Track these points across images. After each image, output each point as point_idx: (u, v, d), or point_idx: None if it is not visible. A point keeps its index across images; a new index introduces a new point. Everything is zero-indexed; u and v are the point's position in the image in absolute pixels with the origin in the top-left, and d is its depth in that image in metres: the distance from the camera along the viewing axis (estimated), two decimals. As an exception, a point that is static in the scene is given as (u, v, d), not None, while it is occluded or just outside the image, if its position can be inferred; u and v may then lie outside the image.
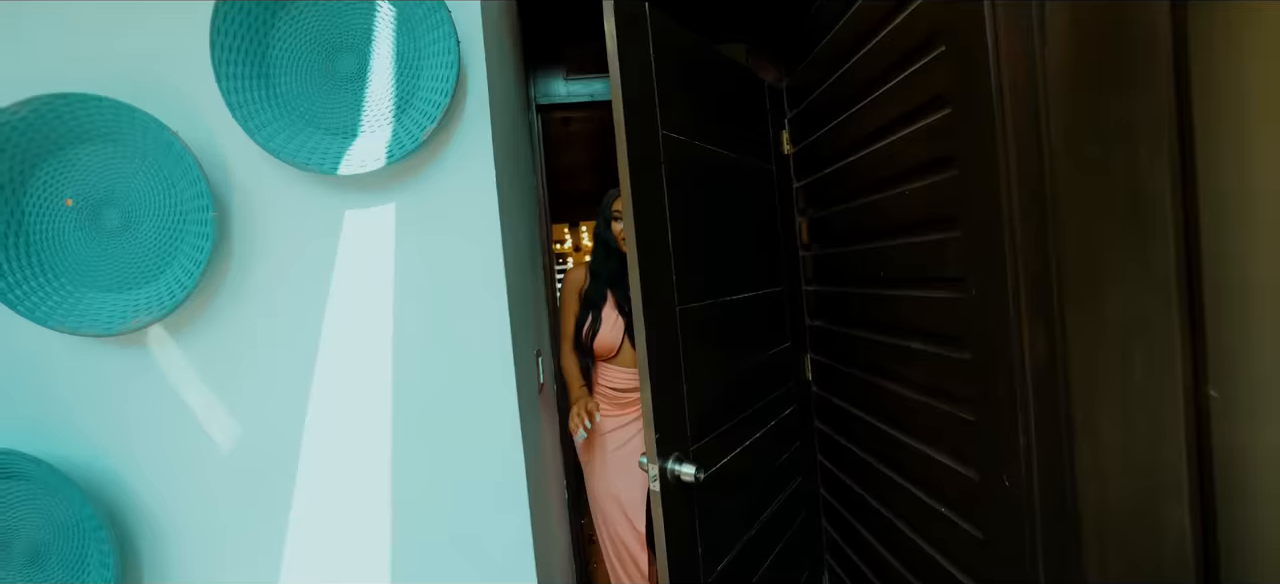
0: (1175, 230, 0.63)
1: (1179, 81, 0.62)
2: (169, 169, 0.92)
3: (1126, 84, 0.66)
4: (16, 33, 0.91)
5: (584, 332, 1.60)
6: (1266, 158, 0.60)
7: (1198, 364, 0.66)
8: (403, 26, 0.96)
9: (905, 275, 1.09)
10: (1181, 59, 0.62)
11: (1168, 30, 0.62)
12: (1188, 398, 0.66)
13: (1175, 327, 0.65)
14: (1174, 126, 0.62)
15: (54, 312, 0.90)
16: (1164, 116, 0.63)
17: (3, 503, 0.90)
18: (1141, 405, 0.70)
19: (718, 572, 1.18)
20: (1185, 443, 0.66)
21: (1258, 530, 0.67)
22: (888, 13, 1.00)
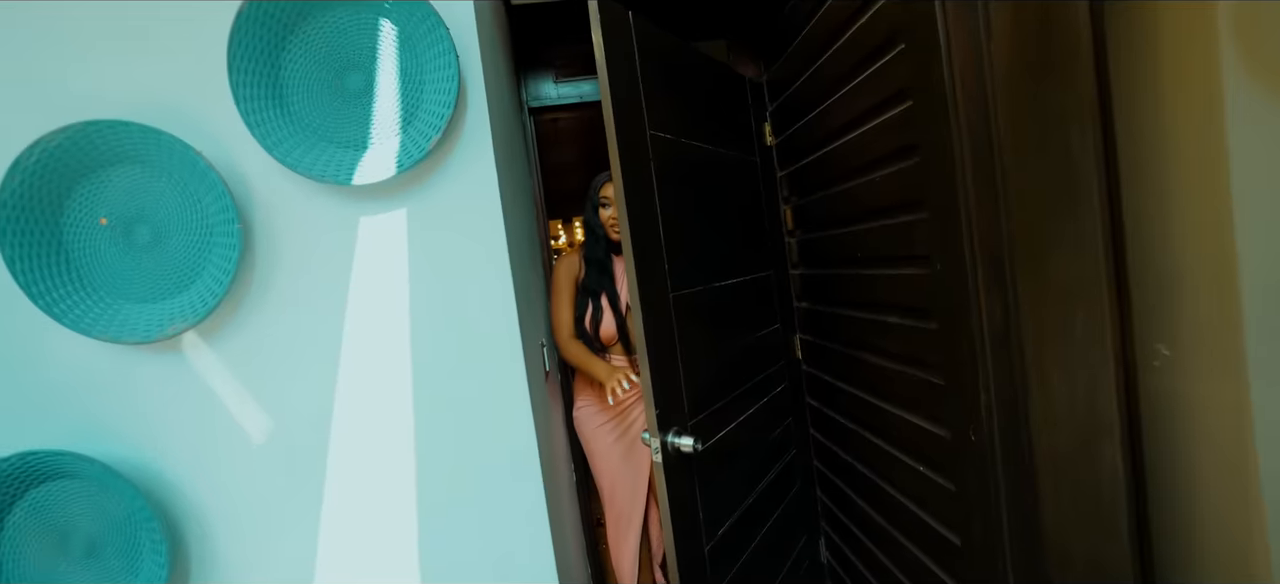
0: (1101, 204, 0.72)
1: (1100, 73, 0.71)
2: (195, 186, 1.00)
3: (1058, 76, 0.75)
4: (50, 64, 0.97)
5: (587, 321, 1.59)
6: (1177, 136, 0.69)
7: (1124, 322, 0.75)
8: (405, 45, 1.03)
9: (879, 255, 1.18)
10: (1101, 53, 0.71)
11: (1088, 28, 0.70)
12: (1116, 352, 0.75)
13: (1104, 289, 0.74)
14: (1096, 113, 0.71)
15: (95, 323, 0.97)
16: (1088, 104, 0.71)
17: (60, 501, 0.98)
18: (1081, 360, 0.79)
19: (718, 536, 1.28)
20: (1115, 391, 0.76)
21: (1182, 465, 0.77)
22: (853, 13, 1.08)
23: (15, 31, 0.96)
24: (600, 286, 1.60)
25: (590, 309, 1.59)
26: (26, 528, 0.98)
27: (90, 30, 0.98)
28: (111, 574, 1.00)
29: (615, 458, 1.68)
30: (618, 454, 1.68)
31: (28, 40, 0.97)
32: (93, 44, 0.98)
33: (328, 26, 1.02)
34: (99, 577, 1.00)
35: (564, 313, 1.60)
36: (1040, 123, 0.78)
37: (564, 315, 1.60)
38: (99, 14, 0.98)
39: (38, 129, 0.91)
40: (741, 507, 1.40)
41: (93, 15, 0.98)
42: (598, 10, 1.00)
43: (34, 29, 0.97)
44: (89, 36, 0.98)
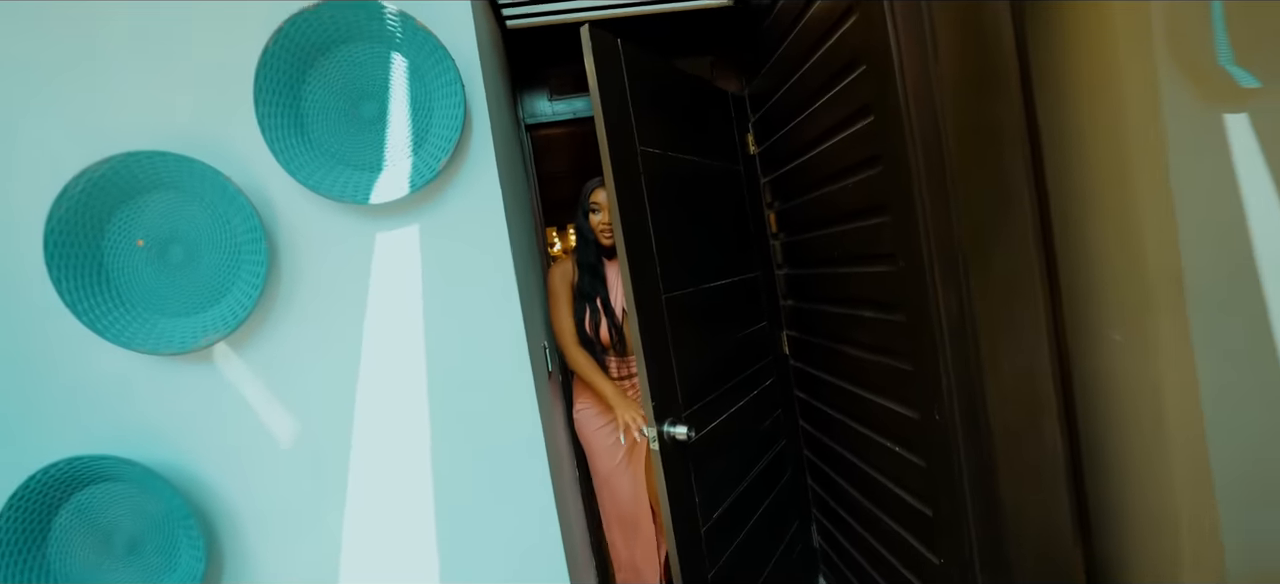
0: (1031, 207, 0.83)
1: (1025, 85, 0.82)
2: (225, 208, 1.09)
3: (991, 94, 0.86)
4: (92, 99, 1.06)
5: (587, 326, 1.60)
6: (1093, 140, 0.81)
7: (1056, 310, 0.86)
8: (415, 75, 1.13)
9: (853, 255, 1.28)
10: (1026, 73, 0.82)
11: (1014, 54, 0.81)
12: (1050, 336, 0.86)
13: (1037, 284, 0.85)
14: (1023, 126, 0.82)
15: (134, 336, 1.06)
16: (1016, 118, 0.82)
17: (104, 502, 1.06)
18: (1022, 346, 0.90)
19: (713, 519, 1.38)
20: (1052, 373, 0.86)
21: (1113, 437, 0.88)
22: (821, 36, 1.20)
23: (60, 71, 1.05)
24: (594, 291, 1.61)
25: (588, 314, 1.60)
26: (73, 528, 1.06)
27: (128, 68, 1.07)
28: (152, 570, 1.09)
29: (616, 459, 1.70)
30: (619, 455, 1.69)
31: (71, 78, 1.06)
32: (131, 80, 1.07)
33: (344, 60, 1.12)
34: (141, 573, 1.08)
35: (566, 319, 1.60)
36: (979, 135, 0.89)
37: (566, 322, 1.60)
38: (136, 52, 1.07)
39: (80, 160, 1.00)
40: (734, 493, 1.50)
41: (130, 54, 1.07)
42: (590, 41, 1.10)
43: (78, 69, 1.06)
44: (127, 73, 1.07)
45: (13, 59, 1.04)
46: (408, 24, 1.09)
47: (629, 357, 1.65)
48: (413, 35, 1.10)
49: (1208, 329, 0.75)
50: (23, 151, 1.05)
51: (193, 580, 1.06)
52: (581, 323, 1.60)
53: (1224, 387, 0.76)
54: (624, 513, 1.73)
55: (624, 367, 1.67)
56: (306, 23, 1.06)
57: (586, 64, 1.11)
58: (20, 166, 1.05)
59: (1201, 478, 0.80)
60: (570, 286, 1.63)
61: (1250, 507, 0.79)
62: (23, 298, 1.05)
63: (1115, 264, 0.83)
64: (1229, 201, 0.78)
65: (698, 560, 1.29)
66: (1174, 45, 0.75)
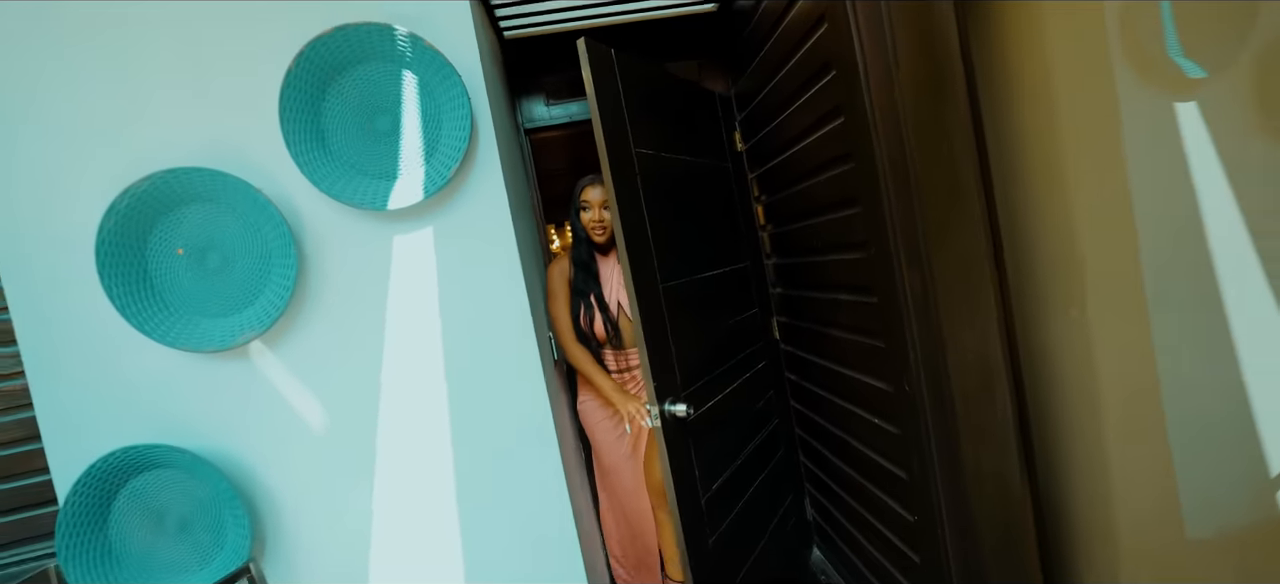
0: (979, 196, 0.94)
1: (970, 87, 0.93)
2: (256, 217, 1.19)
3: (943, 95, 0.96)
4: (134, 121, 1.16)
5: (582, 321, 1.62)
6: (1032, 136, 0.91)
7: (1004, 290, 0.97)
8: (425, 91, 1.24)
9: (831, 243, 1.39)
10: (970, 72, 0.93)
11: (959, 59, 0.92)
12: (999, 313, 0.97)
13: (987, 265, 0.96)
14: (969, 124, 0.93)
15: (178, 336, 1.17)
16: (964, 115, 0.93)
17: (156, 487, 1.18)
18: (976, 321, 1.01)
19: (713, 489, 1.49)
20: (1001, 344, 0.98)
21: (1056, 400, 1.00)
22: (796, 43, 1.30)
23: (105, 96, 1.15)
24: (588, 288, 1.62)
25: (583, 309, 1.62)
26: (129, 511, 1.18)
27: (165, 91, 1.17)
28: (202, 548, 1.20)
29: (621, 450, 1.71)
30: (623, 447, 1.71)
31: (115, 102, 1.16)
32: (167, 103, 1.17)
33: (360, 79, 1.22)
34: (192, 550, 1.20)
35: (564, 315, 1.62)
36: (934, 134, 0.99)
37: (564, 318, 1.62)
38: (172, 77, 1.17)
39: (124, 177, 1.10)
40: (731, 467, 1.62)
41: (166, 79, 1.17)
42: (587, 53, 1.21)
43: (120, 93, 1.16)
44: (164, 96, 1.17)
45: (62, 88, 1.14)
46: (417, 44, 1.19)
47: (626, 350, 1.67)
48: (422, 54, 1.20)
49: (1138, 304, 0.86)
50: (73, 171, 1.15)
51: (240, 556, 1.18)
52: (577, 318, 1.62)
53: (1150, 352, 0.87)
54: (627, 505, 1.74)
55: (622, 359, 1.68)
56: (325, 46, 1.17)
57: (583, 75, 1.21)
58: (71, 185, 1.15)
59: (1131, 431, 0.91)
60: (568, 283, 1.65)
61: (1186, 453, 0.90)
62: (78, 304, 1.16)
63: (1052, 246, 0.94)
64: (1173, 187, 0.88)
65: (699, 525, 1.40)
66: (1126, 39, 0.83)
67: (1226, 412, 0.88)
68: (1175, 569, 0.93)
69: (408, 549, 1.29)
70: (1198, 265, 0.86)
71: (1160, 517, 0.90)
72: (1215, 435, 0.89)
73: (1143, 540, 0.95)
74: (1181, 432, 0.87)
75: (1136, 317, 0.87)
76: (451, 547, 1.31)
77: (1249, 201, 0.86)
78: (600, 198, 1.60)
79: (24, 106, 1.14)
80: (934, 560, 1.21)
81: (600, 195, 1.60)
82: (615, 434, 1.70)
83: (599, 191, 1.60)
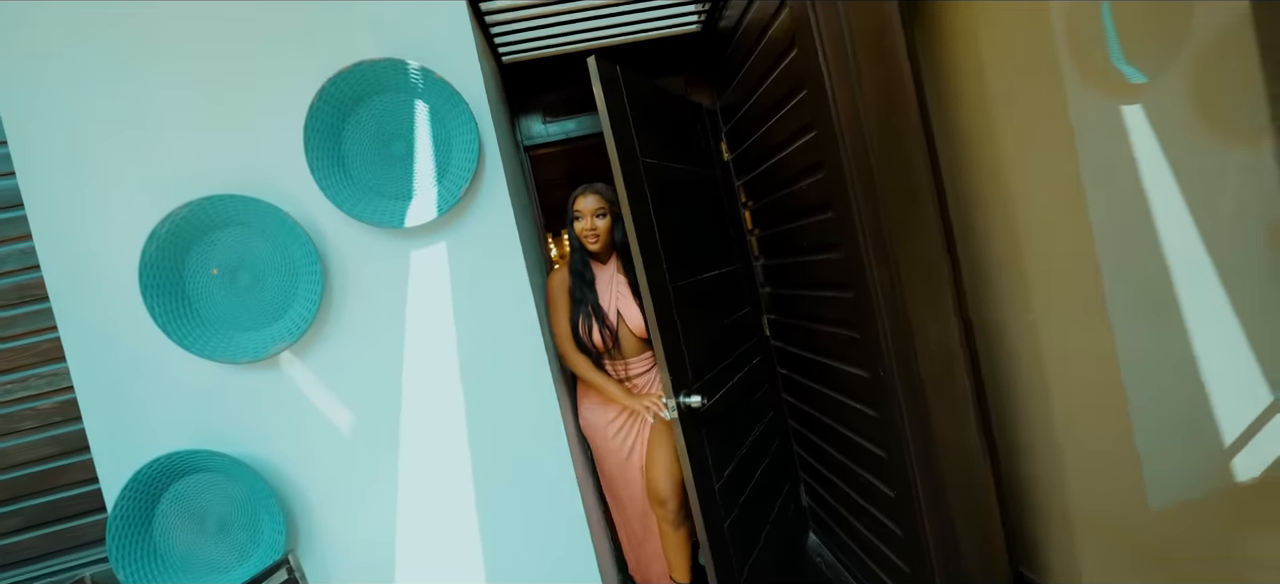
0: (933, 198, 1.07)
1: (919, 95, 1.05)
2: (284, 238, 1.30)
3: (898, 108, 1.09)
4: (169, 153, 1.27)
5: (581, 330, 1.62)
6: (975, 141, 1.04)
7: (958, 282, 1.10)
8: (436, 118, 1.35)
9: (812, 245, 1.52)
10: (919, 81, 1.05)
11: (910, 75, 1.05)
12: (955, 303, 1.10)
13: (943, 262, 1.08)
14: (921, 132, 1.05)
15: (214, 349, 1.27)
16: (916, 126, 1.06)
17: (197, 489, 1.28)
18: (937, 311, 1.14)
19: (724, 477, 1.60)
20: (959, 332, 1.10)
21: (1010, 380, 1.12)
22: (772, 64, 1.43)
23: (142, 130, 1.26)
24: (584, 297, 1.62)
25: (582, 318, 1.62)
26: (172, 513, 1.27)
27: (199, 125, 1.28)
28: (240, 545, 1.30)
29: (621, 458, 1.71)
30: (622, 455, 1.70)
31: (152, 135, 1.27)
32: (202, 135, 1.28)
33: (376, 108, 1.33)
34: (231, 548, 1.30)
35: (563, 324, 1.63)
36: (892, 141, 1.12)
37: (563, 327, 1.63)
38: (206, 113, 1.28)
39: (162, 204, 1.21)
40: (737, 456, 1.73)
41: (201, 114, 1.28)
42: (597, 70, 1.32)
43: (156, 127, 1.27)
44: (198, 129, 1.28)
45: (102, 124, 1.25)
46: (428, 76, 1.31)
47: (627, 359, 1.67)
48: (432, 85, 1.32)
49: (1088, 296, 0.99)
50: (115, 201, 1.26)
51: (276, 551, 1.28)
52: (576, 327, 1.62)
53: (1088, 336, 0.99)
54: (629, 511, 1.76)
55: (621, 369, 1.67)
56: (344, 80, 1.28)
57: (594, 90, 1.31)
58: (114, 213, 1.25)
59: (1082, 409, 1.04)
60: (567, 292, 1.65)
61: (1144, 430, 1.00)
62: (122, 322, 1.26)
63: (1001, 242, 1.06)
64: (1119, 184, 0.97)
65: (715, 510, 1.51)
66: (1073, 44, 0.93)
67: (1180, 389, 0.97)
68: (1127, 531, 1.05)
69: (430, 543, 1.39)
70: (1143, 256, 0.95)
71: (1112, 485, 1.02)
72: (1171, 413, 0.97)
73: (1094, 505, 1.07)
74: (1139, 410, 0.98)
75: (1083, 308, 0.99)
76: (471, 541, 1.41)
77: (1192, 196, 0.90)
78: (592, 207, 1.60)
79: (69, 141, 1.25)
80: (913, 531, 1.33)
81: (592, 204, 1.60)
82: (615, 443, 1.70)
83: (591, 201, 1.61)
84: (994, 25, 1.01)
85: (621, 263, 1.69)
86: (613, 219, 1.64)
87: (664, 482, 1.66)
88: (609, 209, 1.63)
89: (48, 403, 1.74)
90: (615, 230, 1.65)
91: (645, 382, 1.70)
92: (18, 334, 1.73)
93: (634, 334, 1.66)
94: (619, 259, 1.70)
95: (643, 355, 1.69)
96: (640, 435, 1.70)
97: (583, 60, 1.71)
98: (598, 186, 1.65)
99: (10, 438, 1.73)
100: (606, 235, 1.63)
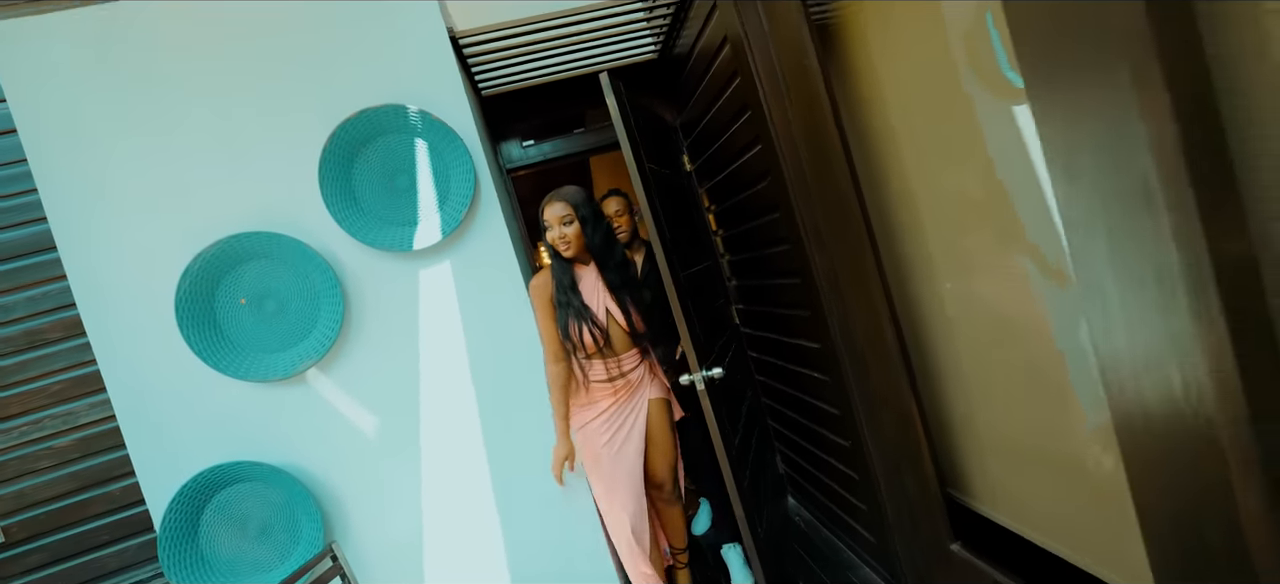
0: (853, 194, 1.33)
1: (836, 117, 1.32)
2: (304, 267, 1.46)
3: (819, 125, 1.35)
4: (197, 197, 1.42)
5: (572, 333, 1.60)
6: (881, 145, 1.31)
7: (881, 270, 1.36)
8: (434, 152, 1.54)
9: (767, 240, 1.77)
10: (830, 88, 1.32)
11: (827, 99, 1.31)
12: (879, 283, 1.36)
13: (866, 247, 1.34)
14: (840, 144, 1.32)
15: (247, 370, 1.42)
16: (835, 136, 1.32)
17: (238, 497, 1.42)
18: (868, 290, 1.40)
19: (736, 444, 1.82)
20: (885, 307, 1.36)
21: (927, 340, 1.39)
22: (720, 89, 1.68)
23: (171, 177, 1.41)
24: (570, 301, 1.61)
25: (570, 321, 1.60)
26: (216, 521, 1.41)
27: (222, 170, 1.43)
28: (281, 546, 1.44)
29: (608, 458, 1.68)
30: (609, 454, 1.68)
31: (180, 182, 1.41)
32: (224, 179, 1.43)
33: (381, 147, 1.51)
34: (273, 550, 1.44)
35: (547, 328, 1.62)
36: (820, 154, 1.38)
37: (547, 330, 1.63)
38: (230, 160, 1.44)
39: (191, 244, 1.36)
40: (738, 427, 1.96)
41: (226, 161, 1.43)
42: (611, 87, 1.51)
43: (184, 175, 1.42)
44: (221, 174, 1.43)
45: (136, 172, 1.39)
46: (426, 118, 1.50)
47: (619, 356, 1.68)
48: (430, 125, 1.51)
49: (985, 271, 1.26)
50: (147, 240, 1.40)
51: (315, 546, 1.43)
52: (566, 331, 1.61)
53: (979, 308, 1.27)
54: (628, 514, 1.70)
55: (614, 366, 1.68)
56: (352, 125, 1.46)
57: (608, 102, 1.48)
58: (147, 252, 1.39)
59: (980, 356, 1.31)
60: (548, 299, 1.63)
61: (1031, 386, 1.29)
62: (158, 351, 1.40)
63: (910, 225, 1.33)
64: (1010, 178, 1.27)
65: (740, 469, 1.72)
66: (969, 52, 1.19)
67: (1059, 340, 1.28)
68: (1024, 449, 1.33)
69: (454, 537, 1.57)
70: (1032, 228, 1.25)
71: (1009, 416, 1.29)
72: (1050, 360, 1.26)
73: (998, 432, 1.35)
74: (1027, 358, 1.27)
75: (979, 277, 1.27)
76: (492, 533, 1.59)
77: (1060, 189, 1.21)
78: (558, 215, 1.57)
79: (100, 190, 1.38)
80: (865, 474, 1.59)
81: (558, 212, 1.57)
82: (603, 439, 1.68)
83: (557, 208, 1.58)
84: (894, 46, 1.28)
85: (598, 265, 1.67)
86: (580, 224, 1.60)
87: (661, 466, 1.80)
88: (575, 214, 1.59)
89: (64, 441, 1.83)
90: (587, 234, 1.60)
91: (637, 376, 1.74)
92: (29, 377, 1.81)
93: (623, 331, 1.69)
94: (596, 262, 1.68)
95: (632, 352, 1.72)
96: (632, 428, 1.70)
97: (553, 90, 1.92)
98: (563, 192, 1.61)
99: (29, 478, 1.81)
100: (577, 241, 1.59)
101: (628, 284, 1.68)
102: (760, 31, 1.45)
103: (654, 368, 1.79)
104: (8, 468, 1.80)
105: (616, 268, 1.65)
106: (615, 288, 1.66)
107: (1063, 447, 1.09)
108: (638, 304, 1.70)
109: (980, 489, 1.41)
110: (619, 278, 1.65)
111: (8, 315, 1.79)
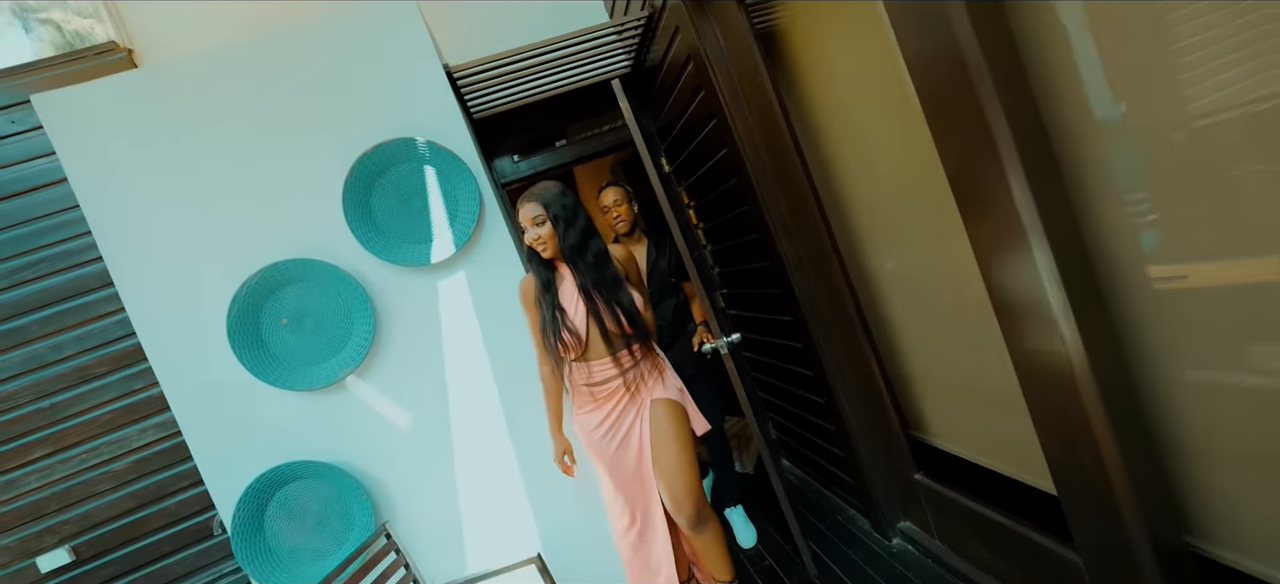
0: (807, 184, 1.56)
1: (787, 121, 1.55)
2: (337, 286, 1.66)
3: (775, 131, 1.58)
4: (240, 229, 1.61)
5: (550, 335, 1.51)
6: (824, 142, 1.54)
7: (841, 261, 1.60)
8: (442, 177, 1.75)
9: (740, 229, 2.01)
10: (789, 122, 1.55)
11: (783, 117, 1.54)
12: (835, 258, 1.60)
13: (822, 229, 1.58)
14: (791, 142, 1.55)
15: (293, 381, 1.62)
16: (787, 137, 1.55)
17: (295, 494, 1.62)
18: (826, 265, 1.64)
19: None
20: (843, 281, 1.60)
21: (884, 304, 1.63)
22: (689, 98, 1.90)
23: (218, 213, 1.60)
24: (548, 302, 1.53)
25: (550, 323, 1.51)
26: (278, 516, 1.61)
27: (257, 207, 1.63)
28: (337, 534, 1.65)
29: (610, 454, 1.59)
30: (612, 451, 1.58)
31: (224, 218, 1.60)
32: (259, 214, 1.63)
33: (396, 175, 1.71)
34: (330, 537, 1.64)
35: (535, 330, 1.58)
36: (776, 157, 1.61)
37: (535, 333, 1.58)
38: (260, 195, 1.63)
39: (237, 272, 1.55)
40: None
41: (256, 196, 1.63)
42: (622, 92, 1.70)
43: (227, 212, 1.61)
44: (256, 210, 1.63)
45: (182, 210, 1.58)
46: (432, 146, 1.70)
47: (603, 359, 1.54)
48: (436, 152, 1.71)
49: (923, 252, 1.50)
50: (196, 272, 1.59)
51: (367, 531, 1.64)
52: (546, 331, 1.53)
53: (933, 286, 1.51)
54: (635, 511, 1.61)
55: (629, 358, 1.54)
56: (369, 158, 1.66)
57: (622, 106, 1.65)
58: (197, 282, 1.58)
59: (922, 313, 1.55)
60: (535, 301, 1.56)
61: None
62: (214, 370, 1.59)
63: (857, 211, 1.57)
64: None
65: (763, 419, 1.94)
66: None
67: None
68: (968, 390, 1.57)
69: (488, 515, 1.77)
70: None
71: (952, 362, 1.54)
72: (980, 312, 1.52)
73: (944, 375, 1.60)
74: (961, 312, 1.50)
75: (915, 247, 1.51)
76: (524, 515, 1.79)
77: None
78: (531, 216, 1.49)
79: (150, 230, 1.57)
80: (840, 423, 1.83)
81: (531, 212, 1.49)
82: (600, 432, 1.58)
83: (530, 208, 1.50)
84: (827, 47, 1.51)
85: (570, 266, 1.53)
86: (552, 223, 1.49)
87: (672, 486, 1.54)
88: (546, 214, 1.49)
89: (121, 465, 2.00)
90: (560, 233, 1.49)
91: (634, 378, 1.54)
92: (83, 409, 1.99)
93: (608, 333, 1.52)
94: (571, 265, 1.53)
95: (622, 353, 1.54)
96: (629, 433, 1.56)
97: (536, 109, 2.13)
98: (536, 192, 1.51)
99: (92, 500, 1.98)
100: (551, 241, 1.49)
101: (603, 284, 1.50)
102: (718, 49, 1.67)
103: (661, 367, 1.60)
104: (72, 493, 1.97)
105: (589, 267, 1.49)
106: (585, 289, 1.49)
107: (986, 384, 1.34)
108: (620, 304, 1.50)
109: (936, 427, 1.66)
110: (592, 278, 1.49)
111: (59, 354, 1.96)
